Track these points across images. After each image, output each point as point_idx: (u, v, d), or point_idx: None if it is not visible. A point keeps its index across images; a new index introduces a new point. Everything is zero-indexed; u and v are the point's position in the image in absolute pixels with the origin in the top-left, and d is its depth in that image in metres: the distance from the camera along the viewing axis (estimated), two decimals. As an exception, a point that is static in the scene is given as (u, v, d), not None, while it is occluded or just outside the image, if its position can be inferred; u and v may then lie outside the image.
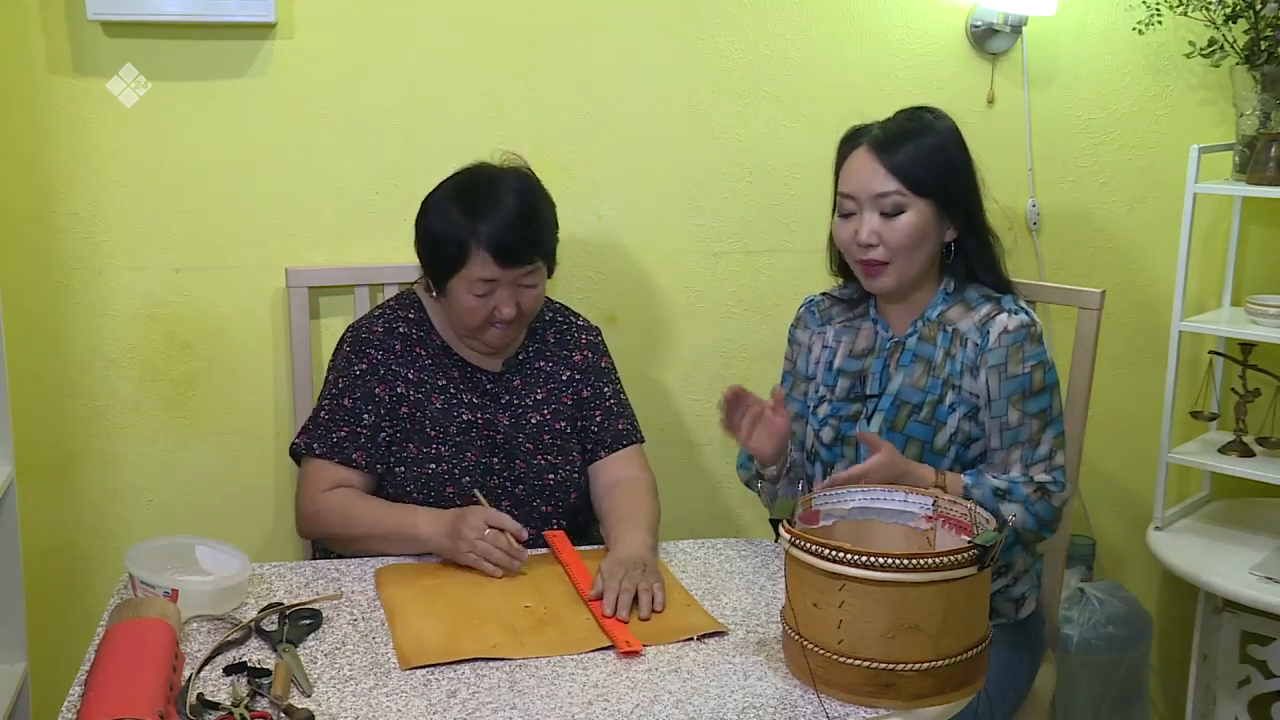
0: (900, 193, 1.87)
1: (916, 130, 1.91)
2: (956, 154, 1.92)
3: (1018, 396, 1.88)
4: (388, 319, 2.05)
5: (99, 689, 1.39)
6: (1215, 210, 2.73)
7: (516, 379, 2.07)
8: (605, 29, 2.40)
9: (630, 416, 2.14)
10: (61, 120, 2.21)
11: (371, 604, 1.76)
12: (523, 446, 2.02)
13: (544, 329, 2.12)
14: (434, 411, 2.00)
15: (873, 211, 1.89)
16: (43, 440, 2.30)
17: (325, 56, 2.29)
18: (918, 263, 1.91)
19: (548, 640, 1.64)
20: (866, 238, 1.89)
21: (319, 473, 1.98)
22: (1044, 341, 1.91)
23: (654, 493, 2.05)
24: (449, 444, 1.99)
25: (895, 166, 1.87)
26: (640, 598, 1.72)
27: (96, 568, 2.37)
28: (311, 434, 2.00)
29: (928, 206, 1.88)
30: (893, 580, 1.44)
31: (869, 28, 2.50)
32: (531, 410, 2.05)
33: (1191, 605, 2.58)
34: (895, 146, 1.88)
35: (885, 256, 1.89)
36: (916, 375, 1.94)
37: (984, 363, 1.89)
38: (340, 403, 1.99)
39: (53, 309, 2.27)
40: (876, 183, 1.88)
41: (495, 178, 1.98)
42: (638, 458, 2.11)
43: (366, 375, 2.00)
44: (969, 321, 1.92)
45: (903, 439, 1.92)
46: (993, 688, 1.66)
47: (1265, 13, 2.38)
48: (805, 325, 2.09)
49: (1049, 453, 1.89)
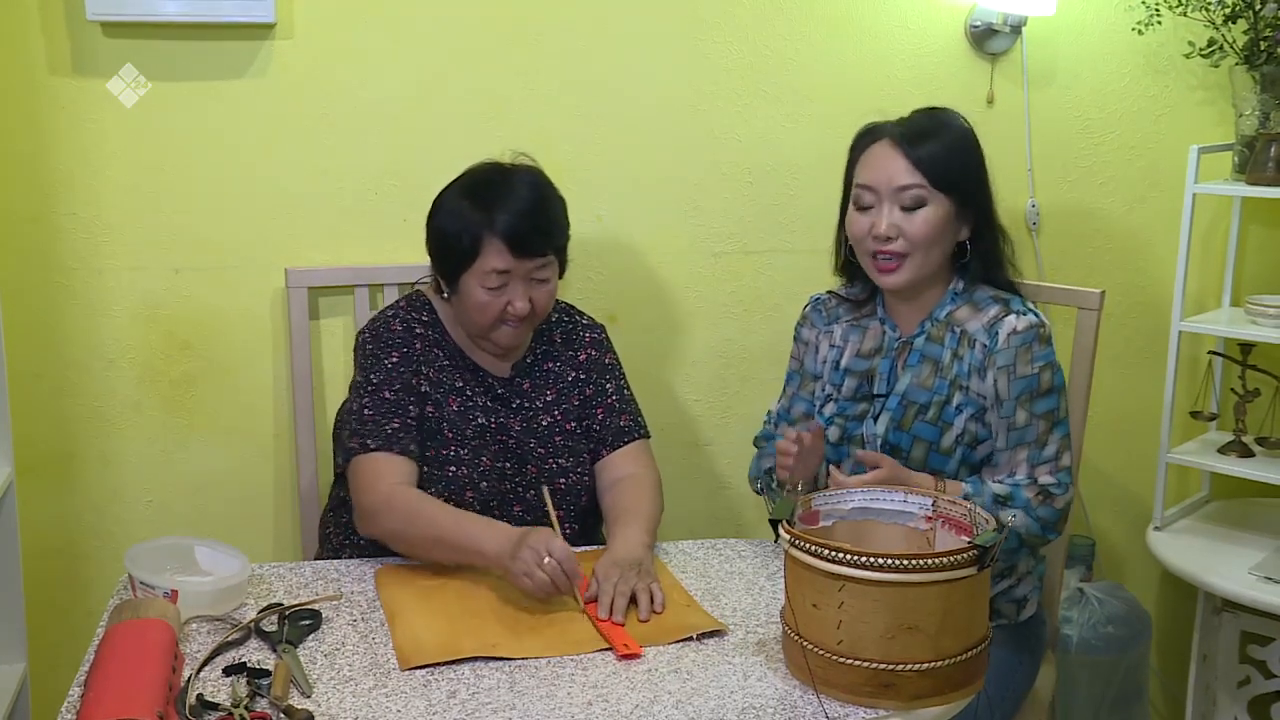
0: (922, 186, 1.88)
1: (939, 127, 1.93)
2: (973, 154, 1.94)
3: (1026, 397, 1.88)
4: (405, 319, 2.02)
5: (99, 689, 1.39)
6: (1215, 210, 2.73)
7: (526, 382, 2.06)
8: (605, 29, 2.40)
9: (634, 413, 2.11)
10: (61, 120, 2.21)
11: (371, 604, 1.76)
12: (535, 451, 2.01)
13: (550, 330, 2.11)
14: (451, 414, 1.98)
15: (893, 204, 1.89)
16: (43, 440, 2.30)
17: (325, 56, 2.29)
18: (933, 259, 1.92)
19: (547, 640, 1.64)
20: (885, 230, 1.89)
21: (379, 466, 1.89)
22: (1051, 344, 1.91)
23: (656, 488, 2.02)
24: (466, 447, 1.97)
25: (919, 160, 1.88)
26: (639, 598, 1.71)
27: (96, 568, 2.37)
28: (361, 433, 1.92)
29: (946, 203, 1.89)
30: (892, 581, 1.44)
31: (869, 28, 2.50)
32: (542, 413, 2.04)
33: (1191, 605, 2.58)
34: (920, 141, 1.89)
35: (904, 249, 1.89)
36: (924, 375, 1.94)
37: (992, 364, 1.89)
38: (382, 396, 1.94)
39: (53, 309, 2.27)
40: (899, 175, 1.89)
41: (506, 172, 1.98)
42: (642, 454, 2.08)
43: (400, 366, 1.97)
44: (977, 323, 1.92)
45: (909, 439, 1.92)
46: (992, 688, 1.66)
47: (1265, 13, 2.38)
48: (812, 324, 2.09)
49: (1055, 454, 1.89)
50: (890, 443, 1.94)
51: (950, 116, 1.96)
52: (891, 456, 1.91)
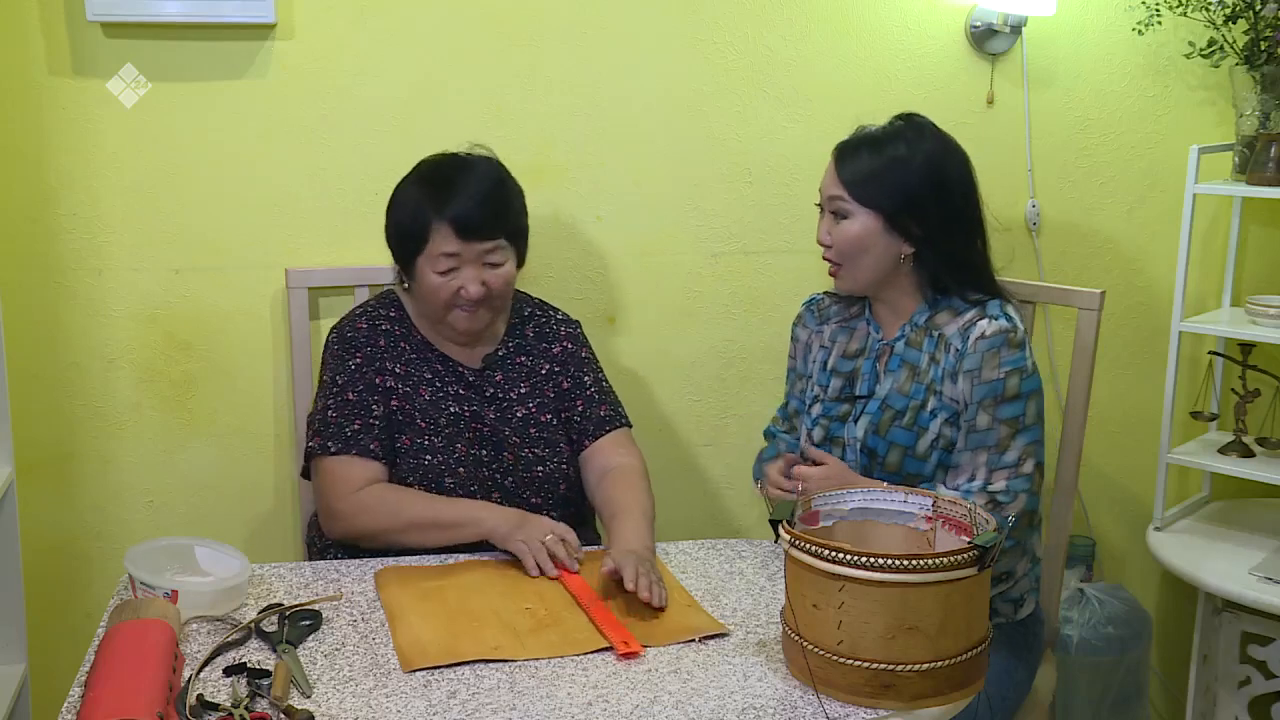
0: (843, 199, 1.91)
1: (882, 141, 1.92)
2: (922, 174, 1.89)
3: (990, 401, 1.86)
4: (370, 317, 2.07)
5: (99, 690, 1.39)
6: (1215, 211, 2.73)
7: (498, 374, 2.07)
8: (605, 30, 2.40)
9: (613, 402, 2.14)
10: (61, 120, 2.21)
11: (371, 605, 1.76)
12: (509, 439, 2.03)
13: (523, 324, 2.13)
14: (422, 403, 2.01)
15: (828, 213, 1.95)
16: (43, 440, 2.30)
17: (325, 57, 2.29)
18: (867, 269, 1.93)
19: (548, 642, 1.63)
20: (820, 237, 1.96)
21: (342, 469, 1.95)
22: (1025, 348, 1.89)
23: (646, 478, 2.06)
24: (440, 435, 2.00)
25: (844, 174, 1.92)
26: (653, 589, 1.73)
27: (96, 568, 2.37)
28: (323, 434, 1.97)
29: (871, 218, 1.90)
30: (892, 581, 1.44)
31: (869, 28, 2.50)
32: (516, 404, 2.06)
33: (1191, 606, 2.58)
34: (851, 154, 1.93)
35: (835, 258, 1.95)
36: (902, 380, 1.94)
37: (962, 368, 1.88)
38: (345, 398, 1.99)
39: (52, 309, 2.27)
40: (829, 185, 1.94)
41: (457, 161, 2.03)
42: (624, 441, 2.10)
43: (363, 367, 2.01)
44: (954, 327, 1.92)
45: (886, 444, 1.93)
46: (992, 688, 1.66)
47: (1265, 13, 2.38)
48: (805, 324, 2.11)
49: (1016, 460, 1.87)
50: (868, 446, 1.94)
51: (912, 133, 1.92)
52: (869, 460, 1.95)
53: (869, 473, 1.94)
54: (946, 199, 1.91)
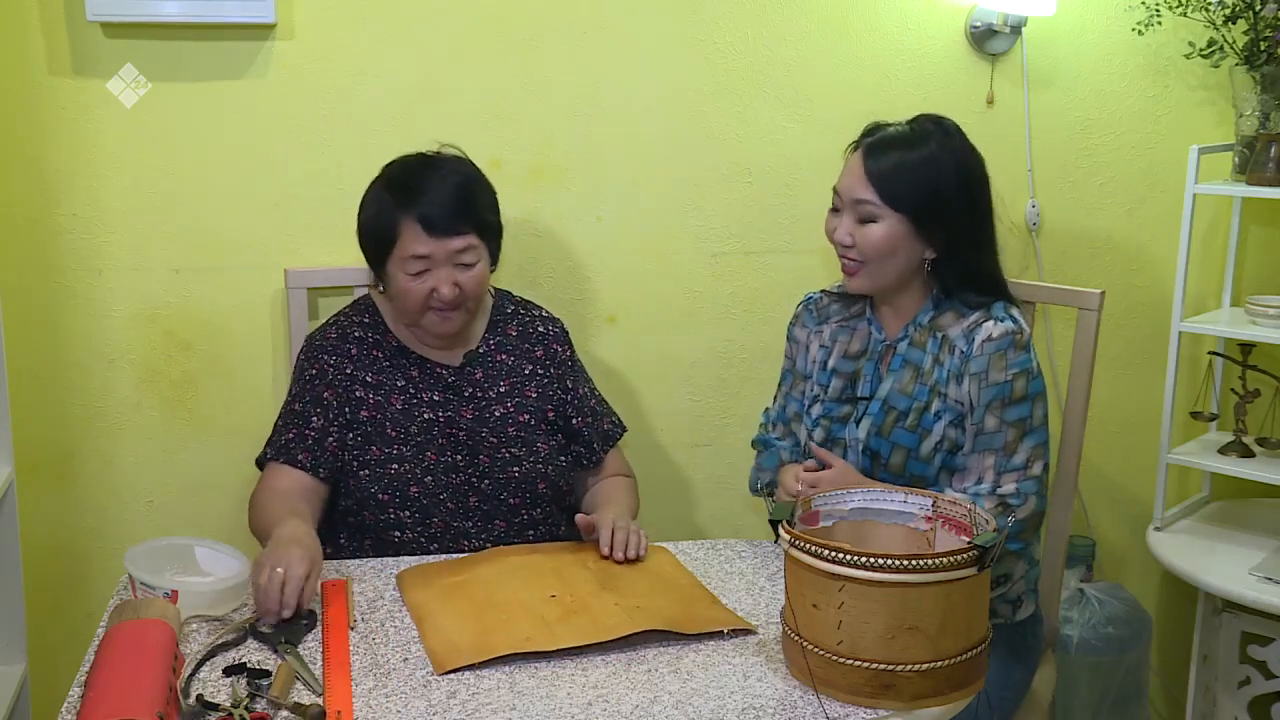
0: (874, 203, 1.87)
1: (912, 142, 1.88)
2: (950, 175, 1.87)
3: (997, 404, 1.86)
4: (341, 325, 2.07)
5: (99, 689, 1.39)
6: (1215, 211, 2.73)
7: (478, 371, 2.07)
8: (605, 30, 2.39)
9: (610, 412, 2.21)
10: (61, 120, 2.21)
11: (371, 604, 1.76)
12: (486, 440, 2.03)
13: (505, 322, 2.13)
14: (394, 413, 2.01)
15: (851, 214, 1.90)
16: (43, 440, 2.30)
17: (325, 57, 2.29)
18: (890, 272, 1.90)
19: (578, 628, 1.62)
20: (841, 238, 1.91)
21: (267, 475, 2.00)
22: (1030, 350, 1.89)
23: (635, 488, 2.19)
24: (410, 444, 2.00)
25: (875, 177, 1.86)
26: (630, 539, 1.86)
27: (96, 568, 2.37)
28: (269, 441, 2.03)
29: (901, 222, 1.86)
30: (892, 581, 1.44)
31: (869, 28, 2.50)
32: (494, 403, 2.06)
33: (1191, 606, 2.58)
34: (881, 156, 1.87)
35: (858, 257, 1.91)
36: (905, 381, 1.94)
37: (968, 370, 1.87)
38: (291, 408, 2.03)
39: (52, 309, 2.27)
40: (856, 188, 1.89)
41: (425, 160, 2.03)
42: (620, 455, 2.22)
43: (315, 380, 2.02)
44: (958, 328, 1.91)
45: (889, 445, 1.92)
46: (992, 689, 1.66)
47: (1265, 13, 2.38)
48: (803, 324, 2.09)
49: (1024, 463, 1.87)
50: (871, 448, 1.94)
51: (940, 132, 1.90)
52: (871, 462, 1.93)
53: (871, 475, 1.94)
54: (973, 203, 1.90)
